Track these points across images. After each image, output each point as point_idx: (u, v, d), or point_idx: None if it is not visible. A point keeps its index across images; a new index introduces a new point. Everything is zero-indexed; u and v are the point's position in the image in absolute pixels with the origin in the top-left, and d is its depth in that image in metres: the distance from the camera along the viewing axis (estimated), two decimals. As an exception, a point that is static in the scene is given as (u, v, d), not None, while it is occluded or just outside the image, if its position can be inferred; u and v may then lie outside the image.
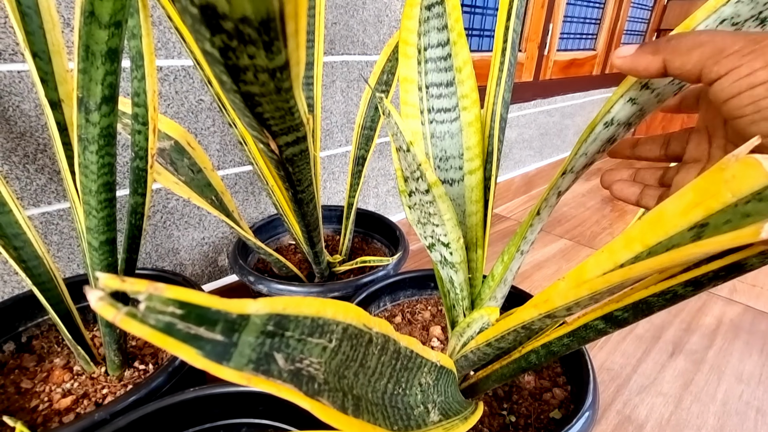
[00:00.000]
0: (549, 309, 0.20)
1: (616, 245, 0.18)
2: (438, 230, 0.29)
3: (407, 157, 0.24)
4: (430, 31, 0.30)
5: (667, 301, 0.21)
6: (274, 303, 0.11)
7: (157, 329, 0.09)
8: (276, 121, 0.19)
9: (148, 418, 0.32)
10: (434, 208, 0.27)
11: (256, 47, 0.12)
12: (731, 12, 0.21)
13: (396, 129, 0.24)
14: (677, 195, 0.16)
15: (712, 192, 0.14)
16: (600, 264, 0.19)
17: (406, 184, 0.29)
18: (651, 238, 0.17)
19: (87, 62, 0.28)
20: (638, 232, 0.17)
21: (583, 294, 0.18)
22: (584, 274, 0.21)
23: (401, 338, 0.21)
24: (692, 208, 0.15)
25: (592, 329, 0.24)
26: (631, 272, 0.15)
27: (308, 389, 0.13)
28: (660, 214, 0.16)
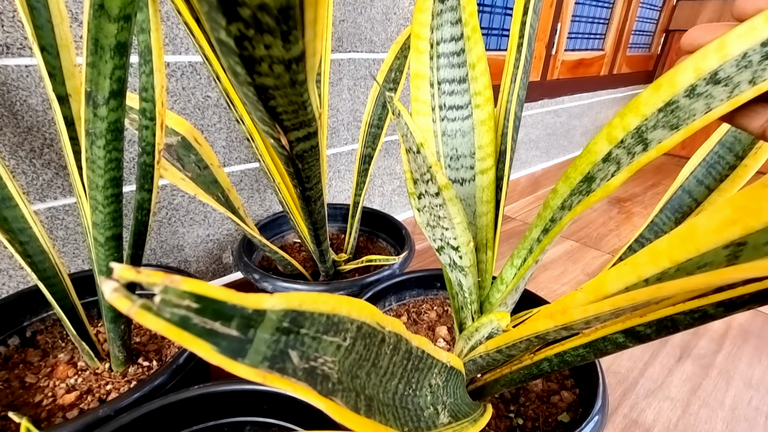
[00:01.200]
0: (566, 322, 0.20)
1: (640, 258, 0.17)
2: (447, 233, 0.28)
3: (417, 159, 0.24)
4: (444, 24, 0.29)
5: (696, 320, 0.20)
6: (290, 299, 0.11)
7: (172, 323, 0.09)
8: (289, 115, 0.18)
9: (152, 415, 0.32)
10: (444, 211, 0.26)
11: (273, 36, 0.12)
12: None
13: (406, 129, 0.23)
14: (712, 210, 0.15)
15: (752, 209, 0.14)
16: (622, 277, 0.18)
17: (416, 186, 0.28)
18: (680, 253, 0.16)
19: (96, 56, 0.28)
20: (666, 246, 0.16)
21: (605, 309, 0.17)
22: (604, 287, 0.20)
23: (413, 338, 0.20)
24: (729, 226, 0.14)
25: (611, 342, 0.23)
26: (660, 291, 0.14)
27: (322, 388, 0.12)
28: (691, 229, 0.15)
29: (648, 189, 1.42)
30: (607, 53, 1.37)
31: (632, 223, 1.15)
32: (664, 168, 1.66)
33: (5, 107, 0.44)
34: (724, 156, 0.36)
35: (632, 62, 1.54)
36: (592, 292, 0.19)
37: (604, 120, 1.55)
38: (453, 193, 0.25)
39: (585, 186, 0.26)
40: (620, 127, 0.23)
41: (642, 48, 1.59)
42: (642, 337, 0.21)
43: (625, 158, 0.23)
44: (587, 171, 0.25)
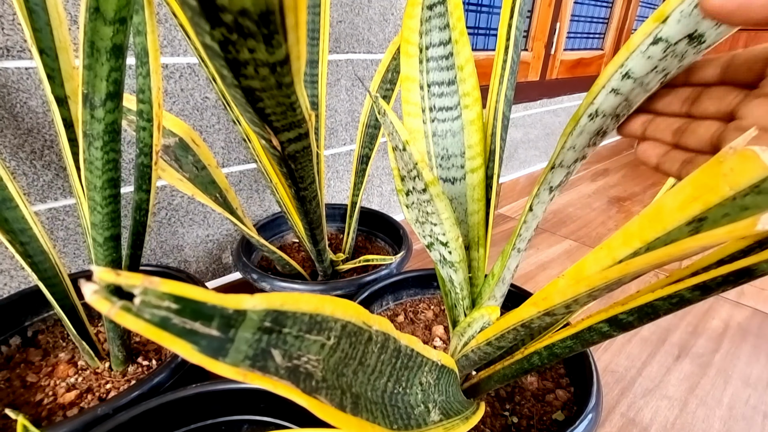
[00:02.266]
0: (547, 307, 0.20)
1: (614, 242, 0.18)
2: (436, 229, 0.29)
3: (404, 156, 0.24)
4: (432, 30, 0.30)
5: (674, 306, 0.21)
6: (271, 299, 0.11)
7: (152, 323, 0.09)
8: (277, 116, 0.19)
9: (150, 414, 0.32)
10: (432, 207, 0.26)
11: (256, 41, 0.12)
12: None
13: (391, 128, 0.23)
14: (675, 189, 0.16)
15: (710, 186, 0.14)
16: (599, 261, 0.19)
17: (403, 183, 0.29)
18: (649, 233, 0.17)
19: (92, 58, 0.28)
20: (637, 228, 0.17)
21: (582, 291, 0.17)
22: (583, 272, 0.20)
23: (402, 336, 0.20)
24: (690, 203, 0.15)
25: (596, 332, 0.24)
26: (627, 268, 0.15)
27: (306, 386, 0.13)
28: (658, 209, 0.16)
29: (648, 188, 1.41)
30: (607, 53, 1.36)
31: (632, 222, 1.15)
32: (666, 167, 1.65)
33: (6, 109, 0.44)
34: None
35: (633, 61, 1.53)
36: (572, 278, 0.20)
37: (604, 119, 1.55)
38: (440, 189, 0.26)
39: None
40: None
41: (643, 46, 1.59)
42: (625, 325, 0.21)
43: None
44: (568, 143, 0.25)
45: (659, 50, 0.21)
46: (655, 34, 0.21)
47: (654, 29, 0.20)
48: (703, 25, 0.20)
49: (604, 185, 1.42)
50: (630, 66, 0.22)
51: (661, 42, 0.21)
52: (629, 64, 0.22)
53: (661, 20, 0.20)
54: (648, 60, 0.21)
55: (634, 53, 0.22)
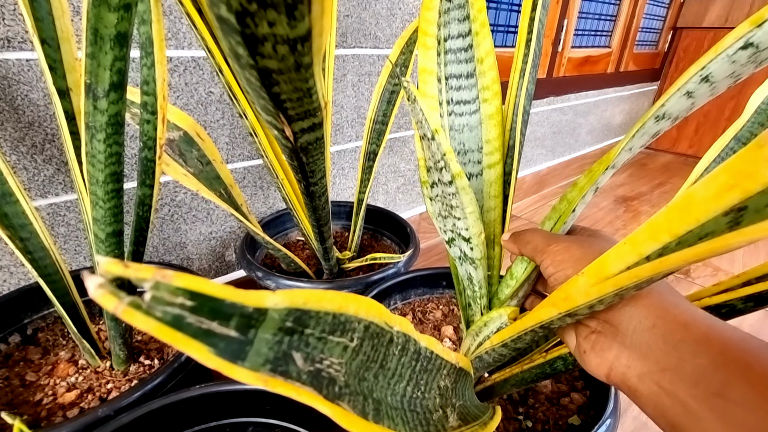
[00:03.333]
0: (569, 308, 0.19)
1: (639, 236, 0.17)
2: (459, 224, 0.28)
3: (432, 146, 0.23)
4: (451, 22, 0.29)
5: (722, 315, 0.20)
6: (293, 296, 0.10)
7: (164, 323, 0.08)
8: (293, 103, 0.17)
9: (153, 415, 0.31)
10: (457, 200, 0.25)
11: (277, 12, 0.11)
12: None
13: (421, 116, 0.22)
14: (708, 178, 0.14)
15: (749, 172, 0.13)
16: (622, 257, 0.18)
17: (429, 175, 0.28)
18: (680, 226, 0.15)
19: (95, 46, 0.27)
20: (665, 220, 0.16)
21: (608, 291, 0.16)
22: (606, 269, 0.19)
23: (421, 338, 0.19)
24: (727, 191, 0.14)
25: None
26: (663, 265, 0.14)
27: (328, 393, 0.12)
28: (688, 200, 0.15)
29: (655, 188, 1.40)
30: (614, 50, 1.35)
31: (639, 222, 1.14)
32: (671, 167, 1.64)
33: (6, 102, 0.43)
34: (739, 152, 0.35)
35: (639, 60, 1.52)
36: (593, 275, 0.19)
37: (610, 118, 1.53)
38: (466, 182, 0.25)
39: None
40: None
41: (649, 45, 1.57)
42: None
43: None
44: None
45: (746, 55, 0.20)
46: (747, 38, 0.19)
47: (747, 33, 0.19)
48: None
49: (611, 185, 1.40)
50: (712, 69, 0.21)
51: (750, 47, 0.19)
52: (711, 67, 0.21)
53: (756, 24, 0.19)
54: (731, 64, 0.20)
55: (719, 56, 0.20)
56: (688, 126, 1.73)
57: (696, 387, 0.16)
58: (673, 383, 0.17)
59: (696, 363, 0.16)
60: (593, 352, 0.21)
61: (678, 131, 1.77)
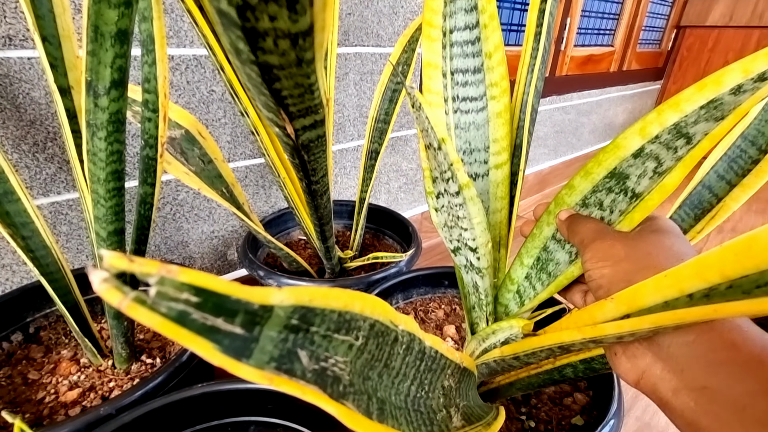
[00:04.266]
0: (596, 335, 0.18)
1: (684, 271, 0.16)
2: (466, 234, 0.27)
3: (438, 156, 0.23)
4: (457, 12, 0.28)
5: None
6: (299, 293, 0.10)
7: (169, 318, 0.08)
8: (294, 100, 0.17)
9: (154, 414, 0.31)
10: (464, 211, 0.25)
11: (278, 5, 0.11)
12: None
13: (427, 124, 0.22)
14: None
15: None
16: (661, 290, 0.16)
17: (434, 185, 0.27)
18: (734, 269, 0.14)
19: (96, 44, 0.27)
20: (716, 260, 0.15)
21: (644, 327, 0.15)
22: (640, 299, 0.18)
23: (426, 337, 0.19)
24: None
25: None
26: (716, 314, 0.13)
27: (333, 391, 0.11)
28: (751, 242, 0.14)
29: (657, 187, 1.39)
30: (617, 49, 1.35)
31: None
32: (674, 166, 1.63)
33: (8, 100, 0.43)
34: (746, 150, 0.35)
35: (642, 59, 1.51)
36: (624, 303, 0.18)
37: (612, 117, 1.53)
38: (474, 192, 0.24)
39: (614, 183, 0.24)
40: (656, 122, 0.21)
41: (652, 44, 1.57)
42: None
43: (665, 153, 0.22)
44: (614, 166, 0.24)
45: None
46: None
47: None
48: None
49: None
50: None
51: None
52: None
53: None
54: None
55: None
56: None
57: (742, 412, 0.15)
58: (713, 404, 0.15)
59: (744, 387, 0.15)
60: (624, 357, 0.20)
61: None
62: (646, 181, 0.23)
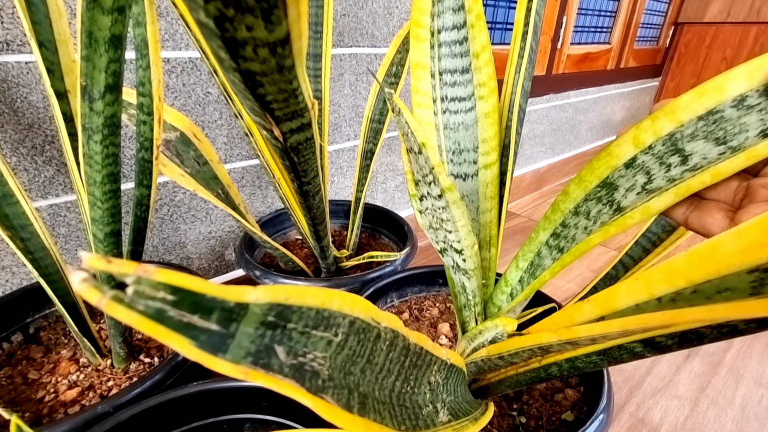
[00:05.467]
0: (571, 337, 0.19)
1: (654, 276, 0.16)
2: (451, 236, 0.27)
3: (419, 160, 0.23)
4: (445, 11, 0.28)
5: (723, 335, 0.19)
6: (275, 292, 0.11)
7: (146, 316, 0.08)
8: (279, 104, 0.18)
9: (151, 412, 0.31)
10: (447, 214, 0.25)
11: (254, 16, 0.11)
12: None
13: (407, 128, 0.22)
14: (737, 230, 0.14)
15: None
16: (633, 294, 0.17)
17: (417, 188, 0.27)
18: (698, 274, 0.15)
19: (90, 49, 0.27)
20: (683, 265, 0.15)
21: (613, 329, 0.16)
22: (613, 302, 0.19)
23: (410, 334, 0.20)
24: (755, 249, 0.13)
25: (627, 351, 0.22)
26: (676, 319, 0.13)
27: (311, 385, 0.12)
28: (713, 249, 0.14)
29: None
30: (614, 47, 1.35)
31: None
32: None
33: (6, 104, 0.44)
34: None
35: (639, 56, 1.51)
36: (599, 306, 0.18)
37: (610, 115, 1.53)
38: (457, 195, 0.24)
39: (604, 192, 0.25)
40: (650, 130, 0.22)
41: (650, 41, 1.57)
42: (662, 348, 0.20)
43: (657, 168, 0.22)
44: (605, 176, 0.24)
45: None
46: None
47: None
48: None
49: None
50: None
51: None
52: None
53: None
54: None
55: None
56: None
57: None
58: None
59: None
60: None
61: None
62: (633, 195, 0.24)
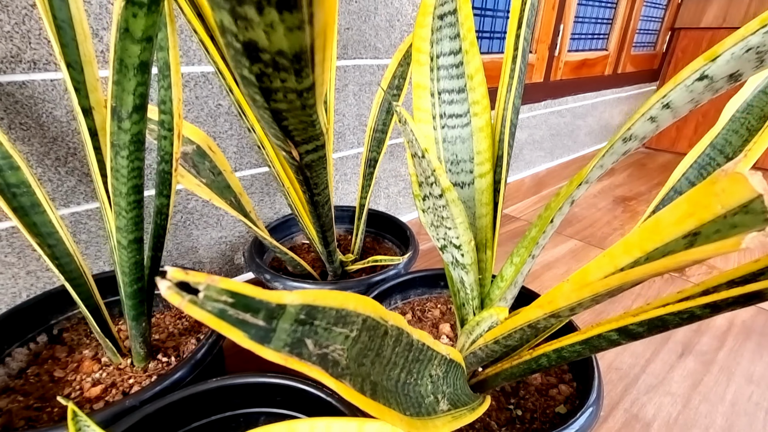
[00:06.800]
0: (553, 309, 0.22)
1: (616, 250, 0.20)
2: (450, 233, 0.30)
3: (422, 163, 0.26)
4: (443, 39, 0.31)
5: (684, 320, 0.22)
6: (305, 295, 0.13)
7: (213, 314, 0.11)
8: (299, 132, 0.20)
9: (174, 406, 0.34)
10: (447, 212, 0.28)
11: (288, 73, 0.14)
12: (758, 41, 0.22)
13: (411, 136, 0.25)
14: (673, 205, 0.17)
15: (704, 204, 0.16)
16: (602, 267, 0.20)
17: (420, 189, 0.31)
18: (648, 244, 0.18)
19: (121, 74, 0.30)
20: (637, 239, 0.19)
21: (585, 296, 0.19)
22: (587, 277, 0.22)
23: (414, 332, 0.22)
24: (686, 218, 0.16)
25: (605, 339, 0.25)
26: (627, 277, 0.16)
27: (333, 372, 0.14)
28: (657, 222, 0.18)
29: (653, 187, 1.42)
30: (611, 53, 1.37)
31: (636, 221, 1.15)
32: (670, 166, 1.65)
33: (33, 119, 0.46)
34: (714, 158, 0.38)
35: (637, 61, 1.54)
36: (577, 283, 0.21)
37: (608, 119, 1.55)
38: (455, 195, 0.27)
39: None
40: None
41: (647, 47, 1.59)
42: (634, 335, 0.22)
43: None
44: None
45: (702, 86, 0.22)
46: (702, 71, 0.22)
47: (702, 66, 0.21)
48: (746, 66, 0.21)
49: (610, 185, 1.42)
50: (672, 98, 0.23)
51: (705, 79, 0.22)
52: (671, 95, 0.23)
53: (711, 59, 0.21)
54: (689, 93, 0.23)
55: (678, 86, 0.23)
56: (687, 126, 1.75)
57: None
58: None
59: None
60: None
61: (677, 131, 1.79)
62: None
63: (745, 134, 0.37)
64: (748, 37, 0.20)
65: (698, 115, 1.71)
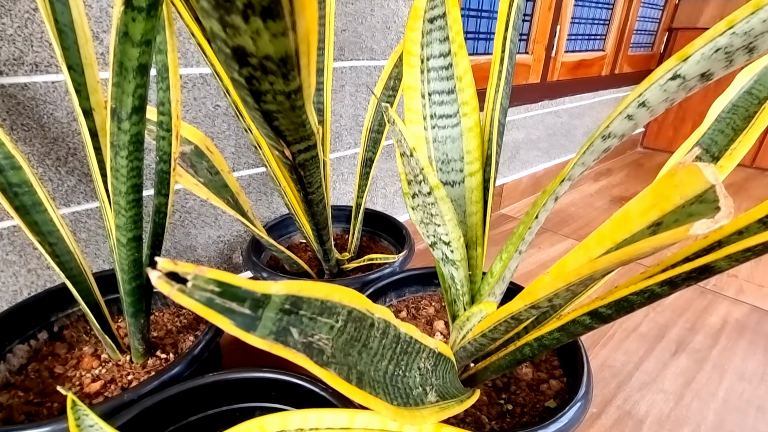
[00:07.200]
0: (532, 300, 0.23)
1: (590, 242, 0.21)
2: (440, 230, 0.31)
3: (411, 162, 0.27)
4: (433, 42, 0.32)
5: (647, 299, 0.23)
6: (290, 286, 0.14)
7: (200, 302, 0.12)
8: (290, 132, 0.21)
9: (172, 400, 0.35)
10: (436, 209, 0.29)
11: (275, 76, 0.15)
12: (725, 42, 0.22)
13: (400, 136, 0.26)
14: (639, 196, 0.18)
15: (665, 195, 0.17)
16: (577, 259, 0.21)
17: (410, 187, 0.31)
18: (618, 235, 0.19)
19: (120, 77, 0.31)
20: (608, 231, 0.19)
21: (560, 285, 0.20)
22: (564, 268, 0.23)
23: (401, 325, 0.23)
24: (650, 209, 0.17)
25: (579, 324, 0.26)
26: (595, 266, 0.17)
27: (318, 360, 0.15)
28: (625, 215, 0.19)
29: (651, 187, 1.42)
30: (608, 53, 1.38)
31: (633, 221, 1.16)
32: (668, 166, 1.66)
33: (34, 120, 0.47)
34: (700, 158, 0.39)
35: (634, 62, 1.55)
36: (555, 274, 0.22)
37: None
38: (444, 193, 0.28)
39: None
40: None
41: (644, 47, 1.60)
42: (605, 318, 0.23)
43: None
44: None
45: (675, 85, 0.23)
46: (675, 70, 0.23)
47: (675, 66, 0.22)
48: (716, 66, 0.22)
49: (607, 185, 1.43)
50: (647, 96, 0.24)
51: (678, 78, 0.23)
52: (647, 94, 0.24)
53: (682, 59, 0.22)
54: (663, 92, 0.23)
55: (652, 85, 0.24)
56: (684, 126, 1.76)
57: None
58: None
59: None
60: None
61: (674, 131, 1.80)
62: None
63: (730, 134, 0.37)
64: (716, 38, 0.21)
65: (695, 115, 1.72)
